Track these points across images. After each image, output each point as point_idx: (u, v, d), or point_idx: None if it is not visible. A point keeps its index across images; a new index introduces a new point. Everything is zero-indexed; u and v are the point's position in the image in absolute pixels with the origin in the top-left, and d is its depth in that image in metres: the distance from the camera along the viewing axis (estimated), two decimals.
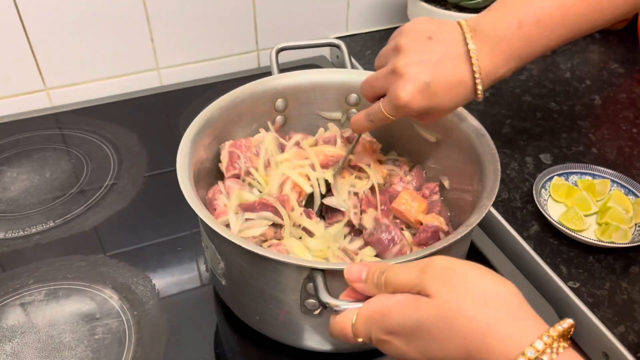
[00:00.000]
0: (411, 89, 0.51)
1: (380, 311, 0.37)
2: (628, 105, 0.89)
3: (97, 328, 0.58)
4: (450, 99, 0.52)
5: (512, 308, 0.33)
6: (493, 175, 0.53)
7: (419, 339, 0.35)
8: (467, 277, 0.35)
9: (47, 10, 0.85)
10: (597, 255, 0.64)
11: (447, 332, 0.34)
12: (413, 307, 0.35)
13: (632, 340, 0.55)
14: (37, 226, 0.70)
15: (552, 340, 0.31)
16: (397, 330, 0.36)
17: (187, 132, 0.59)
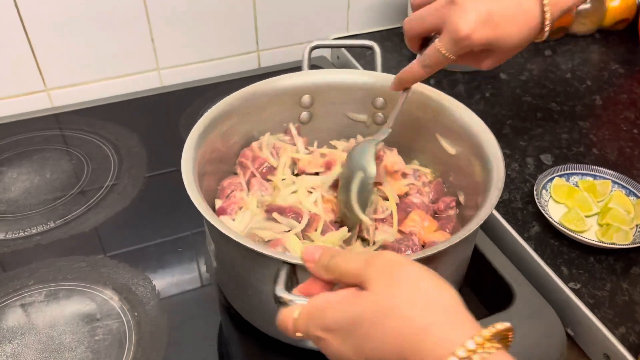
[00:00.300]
0: (473, 18, 0.46)
1: (320, 307, 0.37)
2: (629, 105, 0.89)
3: (97, 329, 0.58)
4: (517, 30, 0.48)
5: (450, 312, 0.33)
6: (496, 181, 0.53)
7: (355, 336, 0.35)
8: (410, 277, 0.35)
9: (47, 11, 0.85)
10: (598, 256, 0.64)
11: (383, 330, 0.33)
12: (351, 302, 0.35)
13: (633, 342, 0.55)
14: (37, 227, 0.70)
15: (485, 340, 0.31)
16: (333, 327, 0.36)
17: (201, 119, 0.59)
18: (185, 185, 0.51)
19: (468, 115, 0.61)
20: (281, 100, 0.67)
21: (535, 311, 0.58)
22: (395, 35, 1.08)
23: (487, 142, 0.57)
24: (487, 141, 0.57)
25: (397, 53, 1.02)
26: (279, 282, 0.42)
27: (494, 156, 0.55)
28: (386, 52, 1.02)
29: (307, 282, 0.40)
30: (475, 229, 0.48)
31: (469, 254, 0.58)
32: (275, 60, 1.05)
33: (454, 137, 0.62)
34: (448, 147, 0.63)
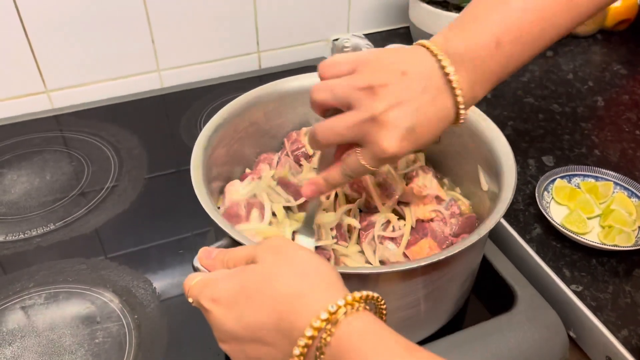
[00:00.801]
0: (396, 138, 0.44)
1: (212, 279, 0.40)
2: (631, 106, 0.89)
3: (97, 332, 0.58)
4: (434, 135, 0.46)
5: (326, 281, 0.37)
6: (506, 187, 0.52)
7: (237, 305, 0.37)
8: (295, 252, 0.38)
9: (47, 12, 0.85)
10: (600, 258, 0.64)
11: (263, 294, 0.36)
12: (239, 271, 0.39)
13: (636, 344, 0.55)
14: (37, 229, 0.70)
15: (354, 300, 0.34)
16: (220, 297, 0.38)
17: (212, 119, 0.60)
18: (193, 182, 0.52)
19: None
20: (298, 99, 0.66)
21: (537, 313, 0.58)
22: (396, 37, 1.08)
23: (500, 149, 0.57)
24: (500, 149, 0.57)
25: None
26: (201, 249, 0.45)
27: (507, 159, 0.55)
28: None
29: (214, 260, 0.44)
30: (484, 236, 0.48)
31: (477, 262, 0.57)
32: (276, 61, 1.05)
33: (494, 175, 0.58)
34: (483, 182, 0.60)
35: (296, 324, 0.34)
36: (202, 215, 0.49)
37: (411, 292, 0.49)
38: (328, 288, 0.36)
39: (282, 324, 0.35)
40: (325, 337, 0.33)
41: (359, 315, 0.34)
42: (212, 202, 0.51)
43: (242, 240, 0.46)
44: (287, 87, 0.66)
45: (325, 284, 0.36)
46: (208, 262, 0.44)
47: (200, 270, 0.44)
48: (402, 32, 1.09)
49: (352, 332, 0.33)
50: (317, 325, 0.33)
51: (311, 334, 0.33)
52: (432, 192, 0.59)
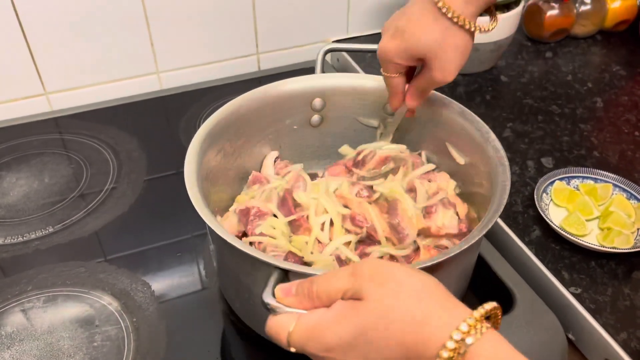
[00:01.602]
0: (384, 37, 0.56)
1: (318, 326, 0.37)
2: (630, 108, 0.89)
3: (95, 335, 0.58)
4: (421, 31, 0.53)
5: (440, 299, 0.35)
6: (500, 189, 0.52)
7: (358, 346, 0.35)
8: (395, 275, 0.36)
9: (46, 15, 0.85)
10: (599, 261, 0.63)
11: (385, 331, 0.34)
12: (351, 316, 0.36)
13: (635, 347, 0.55)
14: (36, 232, 0.70)
15: (476, 321, 0.33)
16: (335, 346, 0.36)
17: (207, 121, 0.60)
18: (186, 182, 0.52)
19: (475, 122, 0.60)
20: (292, 102, 0.67)
21: (536, 316, 0.58)
22: None
23: (494, 151, 0.56)
24: (493, 150, 0.56)
25: None
26: (268, 287, 0.41)
27: (501, 165, 0.55)
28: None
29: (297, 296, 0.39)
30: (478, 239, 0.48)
31: (472, 262, 0.57)
32: (275, 63, 1.04)
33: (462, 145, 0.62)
34: (457, 156, 0.62)
35: (425, 353, 0.33)
36: (201, 218, 0.49)
37: None
38: (446, 308, 0.35)
39: (409, 354, 0.34)
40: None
41: (484, 339, 0.33)
42: (206, 205, 0.50)
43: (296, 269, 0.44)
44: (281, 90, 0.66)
45: (442, 304, 0.35)
46: (291, 300, 0.39)
47: (276, 309, 0.39)
48: None
49: (481, 355, 0.32)
50: (447, 356, 0.32)
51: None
52: (451, 232, 0.57)
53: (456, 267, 0.52)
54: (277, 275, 0.43)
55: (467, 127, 0.60)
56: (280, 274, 0.43)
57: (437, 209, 0.58)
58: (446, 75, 0.55)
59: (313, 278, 0.39)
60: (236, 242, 0.46)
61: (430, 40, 0.53)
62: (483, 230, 0.48)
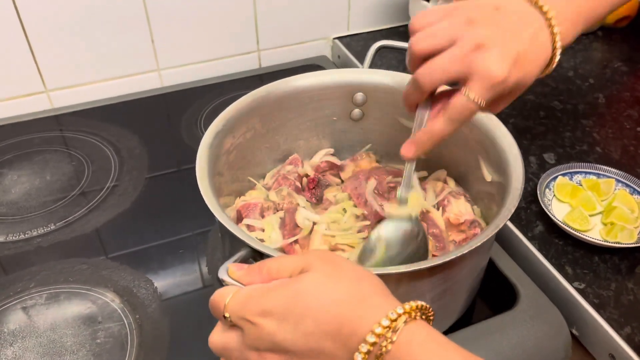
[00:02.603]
0: (507, 60, 0.43)
1: (255, 291, 0.37)
2: (632, 103, 0.89)
3: (98, 332, 0.58)
4: (536, 67, 0.46)
5: (379, 287, 0.37)
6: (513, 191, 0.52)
7: (294, 312, 0.35)
8: (345, 261, 0.38)
9: (46, 12, 0.85)
10: (602, 256, 0.63)
11: (323, 300, 0.35)
12: (292, 281, 0.36)
13: (639, 342, 0.55)
14: (38, 229, 0.70)
15: (411, 309, 0.34)
16: (271, 308, 0.36)
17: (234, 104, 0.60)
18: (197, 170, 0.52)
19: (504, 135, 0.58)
20: (333, 94, 0.66)
21: (540, 311, 0.58)
22: (396, 34, 1.07)
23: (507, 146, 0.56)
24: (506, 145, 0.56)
25: (399, 52, 1.01)
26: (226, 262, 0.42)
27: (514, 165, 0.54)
28: (387, 50, 1.01)
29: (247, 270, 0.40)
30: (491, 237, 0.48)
31: (483, 265, 0.57)
32: (276, 59, 1.04)
33: (494, 162, 0.58)
34: (485, 172, 0.60)
35: (358, 330, 0.34)
36: (203, 215, 0.49)
37: (427, 291, 0.49)
38: (383, 294, 0.36)
39: (343, 330, 0.34)
40: (385, 344, 0.33)
41: (417, 324, 0.34)
42: (217, 200, 0.50)
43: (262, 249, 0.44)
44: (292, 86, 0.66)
45: (380, 291, 0.36)
46: (241, 274, 0.40)
47: (229, 284, 0.40)
48: (402, 31, 1.08)
49: (412, 341, 0.33)
50: (379, 332, 0.33)
51: (373, 340, 0.33)
52: (469, 218, 0.58)
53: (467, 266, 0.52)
54: (244, 254, 0.44)
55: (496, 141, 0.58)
56: (249, 253, 0.44)
57: (449, 200, 0.59)
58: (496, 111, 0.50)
59: (267, 259, 0.40)
60: (232, 227, 0.46)
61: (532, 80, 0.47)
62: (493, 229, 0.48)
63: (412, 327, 0.33)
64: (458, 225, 0.58)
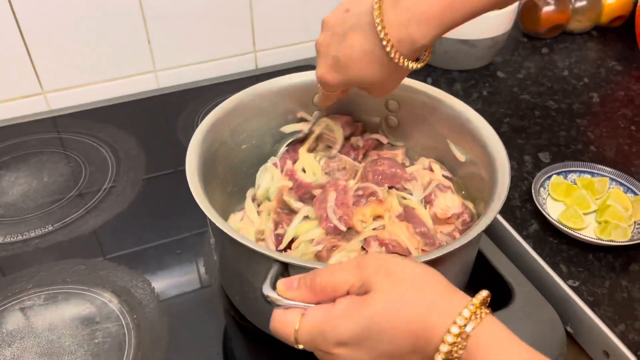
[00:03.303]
0: (323, 64, 0.53)
1: (327, 321, 0.37)
2: (626, 102, 0.89)
3: (96, 332, 0.58)
4: (365, 70, 0.51)
5: (441, 288, 0.37)
6: (500, 185, 0.52)
7: (369, 338, 0.36)
8: (399, 267, 0.38)
9: (43, 14, 0.85)
10: (596, 254, 0.64)
11: (395, 320, 0.35)
12: (360, 307, 0.36)
13: (633, 339, 0.55)
14: (35, 230, 0.70)
15: (476, 308, 0.35)
16: (346, 339, 0.36)
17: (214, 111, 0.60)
18: (187, 175, 0.52)
19: (476, 119, 0.59)
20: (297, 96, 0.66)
21: (535, 309, 0.58)
22: None
23: (493, 145, 0.56)
24: (492, 145, 0.56)
25: None
26: (267, 280, 0.41)
27: (500, 161, 0.54)
28: None
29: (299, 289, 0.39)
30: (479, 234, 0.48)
31: (472, 258, 0.57)
32: (272, 60, 1.05)
33: (463, 143, 0.61)
34: (458, 154, 0.62)
35: (431, 339, 0.35)
36: (200, 215, 0.49)
37: None
38: (447, 295, 0.36)
39: (418, 342, 0.35)
40: (457, 350, 0.34)
41: (484, 324, 0.34)
42: (207, 200, 0.51)
43: (296, 262, 0.44)
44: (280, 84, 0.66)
45: (443, 292, 0.36)
46: (293, 293, 0.39)
47: (277, 303, 0.39)
48: None
49: (481, 345, 0.34)
50: (451, 341, 0.34)
51: (447, 349, 0.34)
52: (456, 210, 0.58)
53: (456, 262, 0.52)
54: (277, 268, 0.43)
55: (467, 123, 0.60)
56: (280, 267, 0.43)
57: (436, 194, 0.59)
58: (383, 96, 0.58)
59: (316, 271, 0.39)
60: (237, 236, 0.46)
61: (375, 79, 0.52)
62: (482, 225, 0.48)
63: (481, 329, 0.34)
64: (446, 219, 0.58)
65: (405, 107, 0.66)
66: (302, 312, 0.38)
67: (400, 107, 0.66)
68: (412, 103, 0.65)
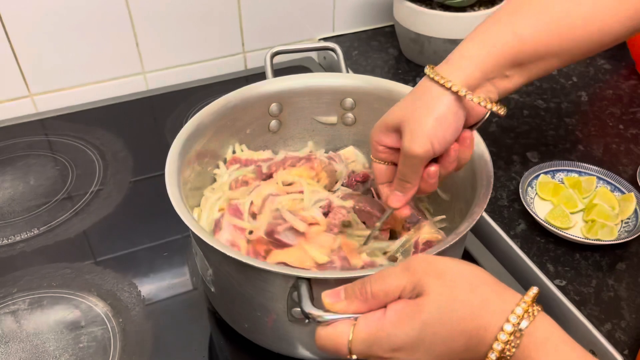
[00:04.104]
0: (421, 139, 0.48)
1: (381, 328, 0.36)
2: (614, 101, 0.90)
3: (81, 336, 0.58)
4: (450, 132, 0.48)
5: (491, 285, 0.37)
6: (486, 184, 0.52)
7: (425, 341, 0.36)
8: (447, 267, 0.38)
9: (29, 15, 0.84)
10: (583, 253, 0.64)
11: (449, 322, 0.36)
12: (415, 311, 0.36)
13: (619, 338, 0.55)
14: (21, 234, 0.70)
15: (528, 305, 0.35)
16: (403, 344, 0.36)
17: (176, 140, 0.58)
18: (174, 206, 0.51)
19: None
20: (250, 111, 0.66)
21: None
22: (382, 35, 1.08)
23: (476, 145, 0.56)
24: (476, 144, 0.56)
25: (384, 52, 1.02)
26: (304, 299, 0.41)
27: (481, 157, 0.55)
28: (372, 51, 1.02)
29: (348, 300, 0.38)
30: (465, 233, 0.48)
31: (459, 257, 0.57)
32: (261, 61, 1.03)
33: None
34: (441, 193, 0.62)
35: (484, 338, 0.35)
36: None
37: None
38: (498, 293, 0.36)
39: (470, 342, 0.35)
40: (510, 348, 0.34)
41: (537, 322, 0.35)
42: (189, 212, 0.50)
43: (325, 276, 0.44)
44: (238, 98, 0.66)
45: (494, 290, 0.37)
46: (343, 306, 0.38)
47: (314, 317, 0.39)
48: (387, 31, 1.09)
49: (535, 343, 0.34)
50: (505, 339, 0.34)
51: (501, 347, 0.34)
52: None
53: None
54: (306, 285, 0.43)
55: None
56: (308, 284, 0.43)
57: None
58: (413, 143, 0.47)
59: (366, 279, 0.38)
60: (244, 258, 0.45)
61: (405, 103, 0.49)
62: (469, 225, 0.48)
63: (534, 328, 0.34)
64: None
65: (361, 103, 0.66)
66: (352, 322, 0.38)
67: (357, 105, 0.66)
68: (368, 98, 0.65)
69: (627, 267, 0.62)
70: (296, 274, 0.44)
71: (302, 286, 0.43)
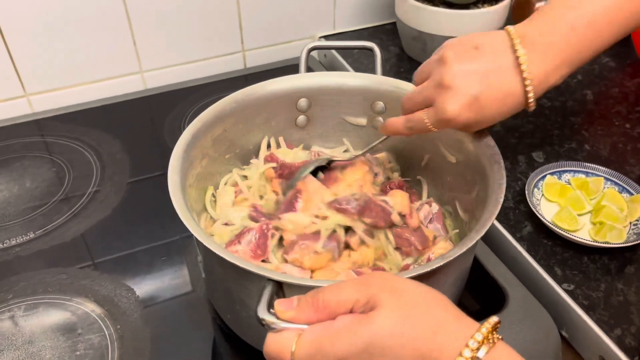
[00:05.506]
0: (460, 102, 0.50)
1: (325, 337, 0.35)
2: (620, 99, 0.88)
3: (78, 344, 0.56)
4: (499, 111, 0.51)
5: (449, 310, 0.36)
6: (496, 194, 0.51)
7: (373, 355, 0.34)
8: (405, 286, 0.37)
9: (25, 14, 0.83)
10: (591, 256, 0.62)
11: (400, 339, 0.34)
12: (365, 323, 0.35)
13: (629, 344, 0.54)
14: (16, 238, 0.68)
15: (488, 332, 0.34)
16: (348, 355, 0.34)
17: (191, 125, 0.58)
18: (172, 196, 0.50)
19: None
20: (277, 103, 0.65)
21: (529, 313, 0.57)
22: (383, 33, 1.06)
23: (487, 148, 0.55)
24: (486, 147, 0.56)
25: (385, 50, 1.00)
26: (262, 302, 0.39)
27: (496, 164, 0.54)
28: None
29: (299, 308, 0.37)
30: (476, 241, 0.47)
31: (469, 264, 0.56)
32: (261, 60, 1.03)
33: (454, 146, 0.60)
34: (448, 155, 0.61)
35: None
36: None
37: None
38: (458, 319, 0.35)
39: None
40: None
41: (497, 350, 0.34)
42: (193, 217, 0.49)
43: (291, 281, 0.42)
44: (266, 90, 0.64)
45: (453, 315, 0.36)
46: (293, 314, 0.37)
47: (272, 325, 0.37)
48: (388, 28, 1.07)
49: None
50: None
51: None
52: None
53: (453, 271, 0.51)
54: (272, 288, 0.41)
55: None
56: (275, 287, 0.41)
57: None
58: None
59: (320, 289, 0.37)
60: (227, 255, 0.44)
61: (502, 119, 0.52)
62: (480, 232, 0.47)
63: (492, 356, 0.33)
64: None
65: (392, 109, 0.64)
66: (299, 332, 0.36)
67: (387, 109, 0.65)
68: (399, 104, 0.64)
69: (636, 271, 0.61)
70: (264, 274, 0.42)
71: (266, 288, 0.41)
